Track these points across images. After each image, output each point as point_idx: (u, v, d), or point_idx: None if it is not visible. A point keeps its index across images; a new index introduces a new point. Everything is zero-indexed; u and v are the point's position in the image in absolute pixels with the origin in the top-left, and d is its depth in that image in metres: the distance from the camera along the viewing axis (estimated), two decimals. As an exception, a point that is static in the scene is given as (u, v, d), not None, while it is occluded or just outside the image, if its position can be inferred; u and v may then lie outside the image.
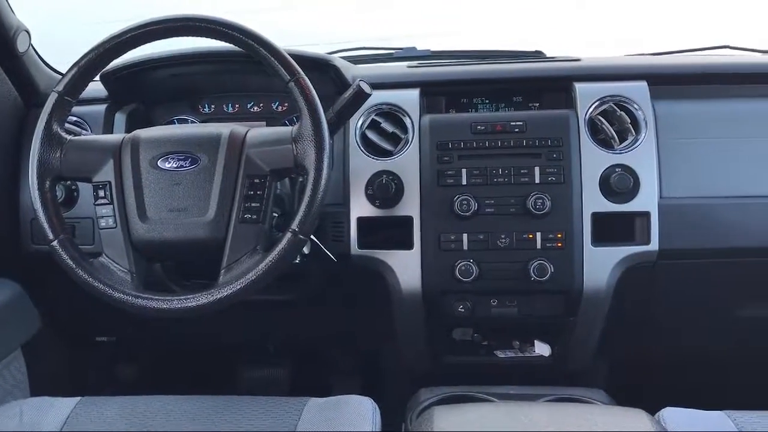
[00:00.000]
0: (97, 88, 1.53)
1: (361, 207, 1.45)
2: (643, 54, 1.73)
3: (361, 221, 1.45)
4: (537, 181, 1.41)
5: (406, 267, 1.44)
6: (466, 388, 1.45)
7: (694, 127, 1.46)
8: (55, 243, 1.16)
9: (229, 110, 1.62)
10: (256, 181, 1.17)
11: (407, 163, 1.45)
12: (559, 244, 1.39)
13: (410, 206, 1.43)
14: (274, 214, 1.26)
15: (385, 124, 1.48)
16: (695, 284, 1.53)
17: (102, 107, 1.57)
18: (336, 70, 1.50)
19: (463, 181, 1.42)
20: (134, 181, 1.19)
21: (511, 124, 1.44)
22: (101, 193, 1.20)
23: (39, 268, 1.45)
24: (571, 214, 1.40)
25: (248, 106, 1.62)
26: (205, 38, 1.21)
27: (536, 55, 1.69)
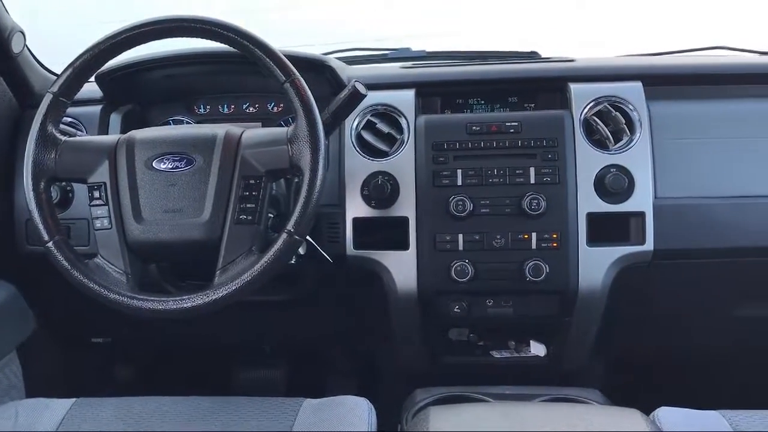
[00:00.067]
0: (92, 89, 1.53)
1: (356, 207, 1.45)
2: (638, 54, 1.73)
3: (357, 222, 1.45)
4: (532, 181, 1.41)
5: (402, 267, 1.44)
6: (461, 388, 1.45)
7: (689, 127, 1.46)
8: (50, 244, 1.16)
9: (225, 111, 1.62)
10: (251, 182, 1.17)
11: (403, 164, 1.45)
12: (555, 245, 1.40)
13: (406, 207, 1.43)
14: (270, 215, 1.26)
15: (380, 125, 1.48)
16: (690, 284, 1.53)
17: (97, 108, 1.57)
18: (331, 71, 1.50)
19: (459, 182, 1.42)
20: (129, 182, 1.19)
21: (507, 124, 1.44)
22: (96, 194, 1.20)
23: (34, 269, 1.45)
24: (566, 215, 1.40)
25: (244, 106, 1.62)
26: (201, 39, 1.21)
27: (531, 56, 1.69)
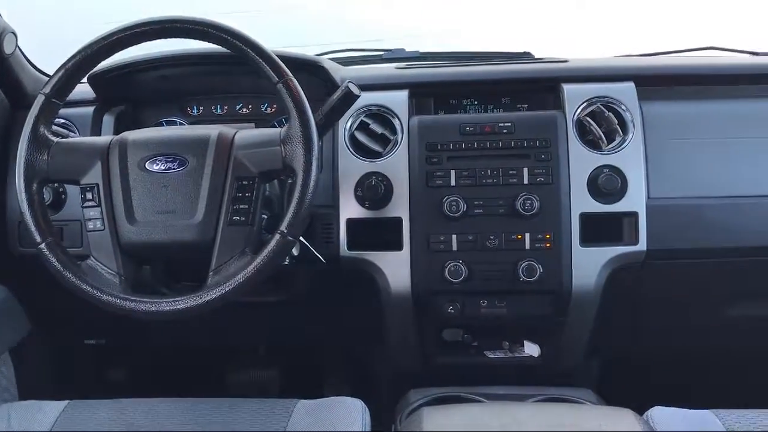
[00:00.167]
0: (84, 90, 1.52)
1: (350, 208, 1.45)
2: (631, 55, 1.74)
3: (351, 222, 1.45)
4: (525, 181, 1.41)
5: (396, 268, 1.44)
6: (455, 388, 1.45)
7: (681, 127, 1.46)
8: (43, 246, 1.16)
9: (218, 112, 1.62)
10: (244, 182, 1.17)
11: (396, 165, 1.45)
12: (548, 245, 1.40)
13: (399, 207, 1.44)
14: (263, 216, 1.26)
15: (374, 126, 1.48)
16: (683, 284, 1.54)
17: (90, 109, 1.56)
18: (325, 72, 1.50)
19: (452, 182, 1.42)
20: (122, 183, 1.18)
21: (500, 125, 1.44)
22: (89, 196, 1.19)
23: (27, 271, 1.44)
24: (560, 215, 1.40)
25: (237, 107, 1.62)
26: (194, 40, 1.21)
27: (524, 57, 1.70)
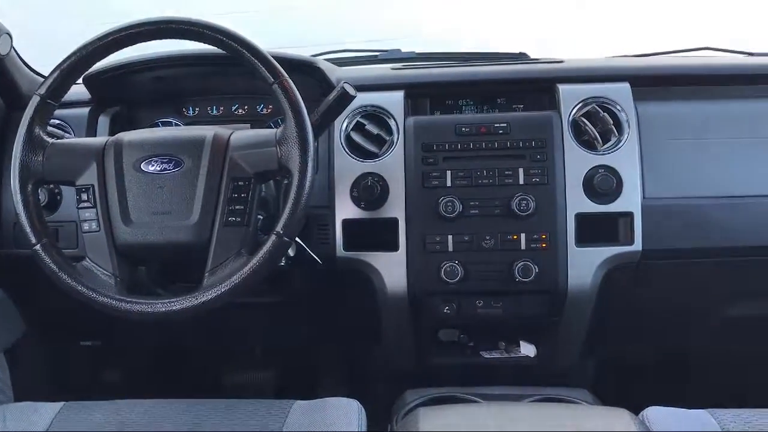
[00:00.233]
0: (80, 91, 1.52)
1: (346, 209, 1.45)
2: (626, 56, 1.74)
3: (347, 223, 1.45)
4: (521, 182, 1.41)
5: (392, 268, 1.44)
6: (451, 389, 1.45)
7: (677, 128, 1.46)
8: (38, 247, 1.15)
9: (214, 113, 1.62)
10: (240, 183, 1.16)
11: (392, 165, 1.45)
12: (544, 245, 1.40)
13: (395, 208, 1.44)
14: (259, 217, 1.26)
15: (369, 126, 1.48)
16: (679, 284, 1.54)
17: (85, 110, 1.56)
18: (320, 72, 1.50)
19: (448, 183, 1.42)
20: (117, 184, 1.18)
21: (495, 125, 1.44)
22: (84, 197, 1.19)
23: (22, 272, 1.44)
24: (555, 215, 1.40)
25: (233, 108, 1.61)
26: (189, 41, 1.20)
27: (520, 57, 1.70)
